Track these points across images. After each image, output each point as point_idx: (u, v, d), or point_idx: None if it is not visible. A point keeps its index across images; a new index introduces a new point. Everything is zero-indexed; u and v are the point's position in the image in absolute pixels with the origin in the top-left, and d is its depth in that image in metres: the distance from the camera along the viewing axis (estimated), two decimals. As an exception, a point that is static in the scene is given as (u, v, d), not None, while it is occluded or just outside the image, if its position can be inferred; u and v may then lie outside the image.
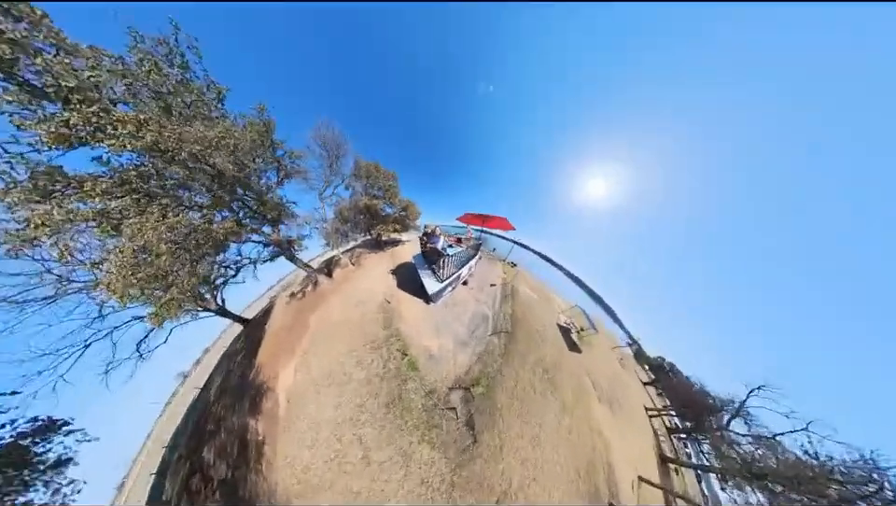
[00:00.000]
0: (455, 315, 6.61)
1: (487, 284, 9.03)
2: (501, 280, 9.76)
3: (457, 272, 5.82)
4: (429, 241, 5.25)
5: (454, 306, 6.91)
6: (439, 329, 5.81)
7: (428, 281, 4.94)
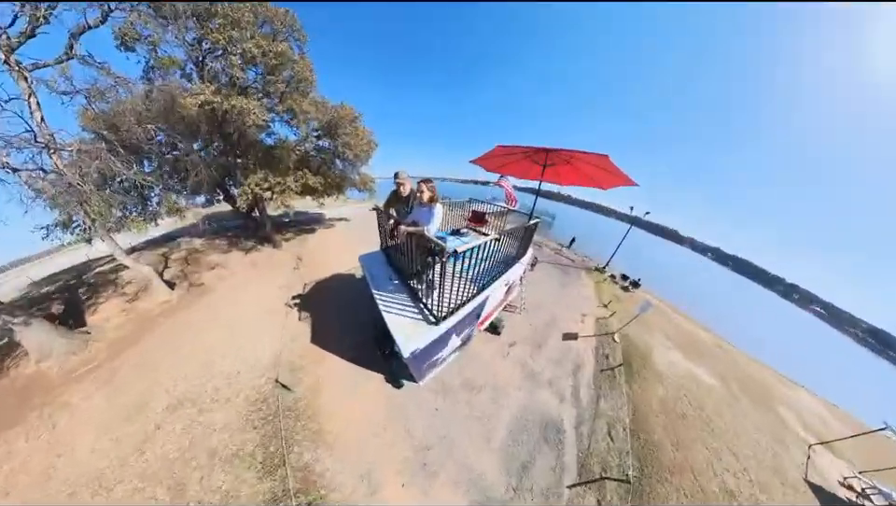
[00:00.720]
0: (473, 420, 3.70)
1: (555, 330, 6.18)
2: (595, 322, 6.86)
3: (477, 299, 2.78)
4: (406, 210, 2.65)
5: (467, 393, 4.05)
6: (426, 465, 3.04)
7: (402, 324, 2.30)
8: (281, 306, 5.82)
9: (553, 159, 3.49)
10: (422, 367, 2.89)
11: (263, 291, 6.44)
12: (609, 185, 3.38)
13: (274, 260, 8.44)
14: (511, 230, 2.97)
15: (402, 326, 2.42)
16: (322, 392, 3.86)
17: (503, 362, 4.80)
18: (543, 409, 3.97)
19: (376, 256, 3.90)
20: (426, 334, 2.38)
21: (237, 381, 3.94)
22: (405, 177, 2.59)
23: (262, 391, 3.80)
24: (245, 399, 3.67)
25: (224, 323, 5.15)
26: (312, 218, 15.84)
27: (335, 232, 12.71)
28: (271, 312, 5.61)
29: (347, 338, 4.95)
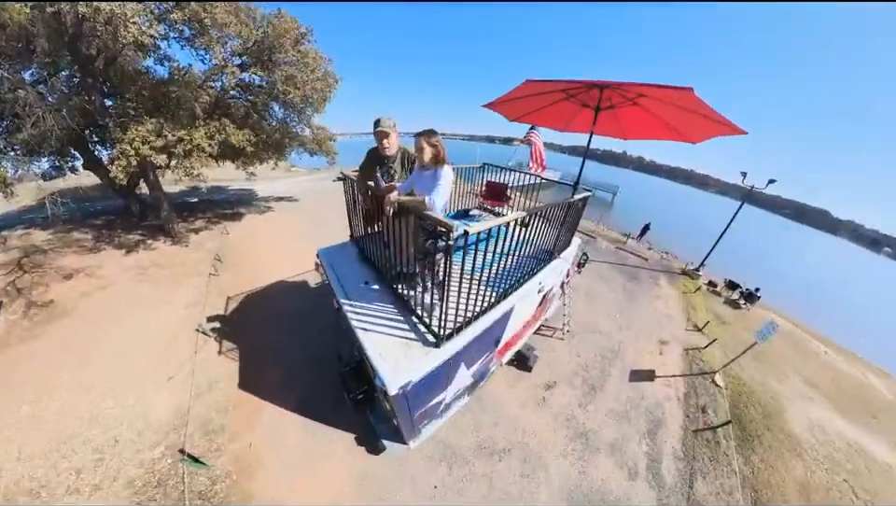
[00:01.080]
0: None
1: (617, 365, 6.35)
2: (682, 355, 6.83)
3: (496, 311, 2.87)
4: (390, 177, 2.69)
5: (483, 462, 4.10)
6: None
7: (386, 347, 2.37)
8: (188, 335, 5.79)
9: (611, 98, 3.35)
10: (414, 417, 2.85)
11: (159, 313, 6.39)
12: (700, 136, 3.19)
13: (176, 262, 8.38)
14: (544, 207, 2.81)
15: (387, 349, 2.35)
16: (256, 467, 3.84)
17: (537, 414, 4.82)
18: (603, 490, 3.92)
19: (343, 249, 3.82)
20: (422, 361, 2.28)
21: (114, 455, 3.80)
22: (390, 126, 2.42)
23: (157, 469, 3.71)
24: (125, 483, 3.53)
25: (90, 365, 5.05)
26: (236, 197, 15.76)
27: (274, 218, 12.63)
28: (171, 345, 5.58)
29: (297, 379, 4.99)
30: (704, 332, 7.61)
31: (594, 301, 8.30)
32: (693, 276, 11.05)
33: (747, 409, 5.56)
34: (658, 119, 3.31)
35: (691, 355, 6.72)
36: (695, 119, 2.90)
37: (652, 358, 6.45)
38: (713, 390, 5.78)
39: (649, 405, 5.22)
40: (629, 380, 5.74)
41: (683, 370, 6.23)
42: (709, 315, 8.52)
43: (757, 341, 5.70)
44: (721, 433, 4.91)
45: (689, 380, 5.96)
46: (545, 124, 5.05)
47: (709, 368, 6.33)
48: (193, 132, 6.74)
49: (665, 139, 3.61)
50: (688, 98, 2.57)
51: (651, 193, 59.05)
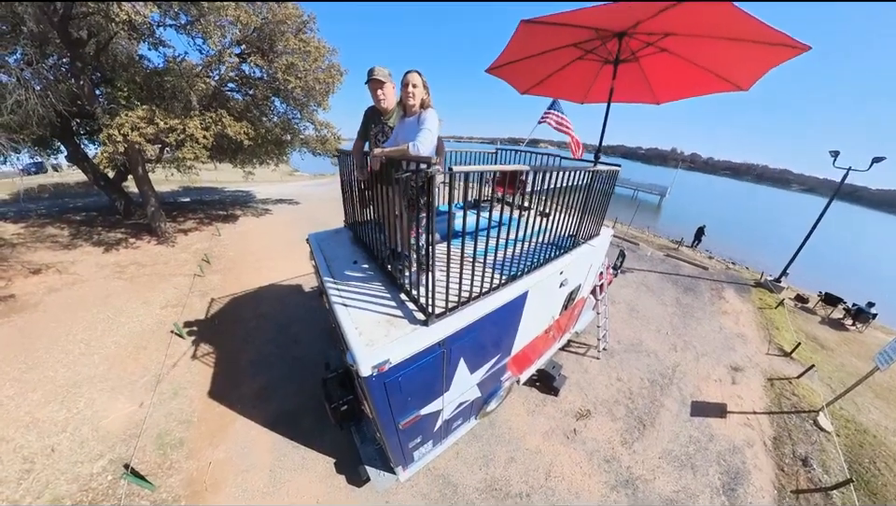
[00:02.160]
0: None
1: (673, 394, 5.79)
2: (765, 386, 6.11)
3: (503, 294, 2.74)
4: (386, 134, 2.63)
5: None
6: None
7: (364, 324, 2.30)
8: (161, 337, 5.90)
9: (631, 46, 3.01)
10: (399, 424, 2.52)
11: (132, 312, 6.59)
12: (750, 75, 2.75)
13: (159, 261, 8.79)
14: (560, 169, 2.59)
15: (366, 326, 2.23)
16: (211, 492, 3.58)
17: (567, 450, 4.26)
18: None
19: (336, 234, 3.98)
20: (406, 340, 2.13)
21: (46, 466, 3.68)
22: (385, 75, 2.34)
23: (93, 486, 3.56)
24: (49, 501, 3.40)
25: (42, 364, 5.17)
26: (232, 199, 16.73)
27: (271, 222, 13.19)
28: (140, 347, 5.68)
29: (276, 392, 4.88)
30: (794, 358, 6.63)
31: (638, 315, 7.62)
32: (771, 289, 9.96)
33: (874, 466, 4.52)
34: (693, 66, 2.96)
35: (778, 387, 5.79)
36: (739, 49, 2.48)
37: (721, 387, 5.63)
38: (817, 436, 4.83)
39: (721, 450, 4.44)
40: (690, 414, 4.99)
41: (769, 405, 5.34)
42: (800, 336, 7.50)
43: (878, 365, 4.75)
44: (837, 499, 3.97)
45: (778, 420, 5.08)
46: (561, 95, 4.84)
47: (808, 405, 5.38)
48: (187, 121, 7.25)
49: (706, 92, 3.27)
50: (724, 17, 2.17)
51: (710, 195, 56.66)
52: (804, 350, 6.84)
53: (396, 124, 2.49)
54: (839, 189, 9.70)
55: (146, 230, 10.22)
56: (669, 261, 11.43)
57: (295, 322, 6.44)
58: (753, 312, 8.52)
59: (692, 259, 11.92)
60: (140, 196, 9.48)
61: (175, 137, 7.19)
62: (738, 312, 8.38)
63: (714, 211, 34.09)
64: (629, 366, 5.87)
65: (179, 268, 8.46)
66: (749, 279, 10.68)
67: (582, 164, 3.15)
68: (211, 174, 21.63)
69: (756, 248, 13.88)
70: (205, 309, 6.84)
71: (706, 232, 13.81)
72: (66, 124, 8.62)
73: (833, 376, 6.25)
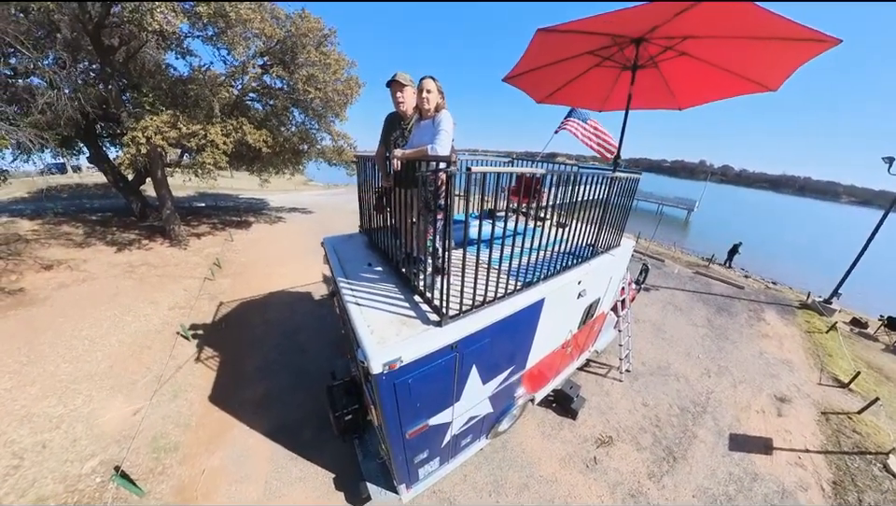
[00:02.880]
0: None
1: (707, 424, 5.44)
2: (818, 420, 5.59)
3: (518, 299, 2.73)
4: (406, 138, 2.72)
5: None
6: None
7: (377, 323, 2.30)
8: (167, 338, 6.03)
9: (650, 51, 3.00)
10: (406, 433, 2.41)
11: (139, 311, 6.79)
12: (778, 74, 2.67)
13: (171, 263, 9.14)
14: (577, 173, 2.64)
15: (379, 324, 2.24)
16: (203, 501, 3.49)
17: (586, 480, 3.96)
18: None
19: (351, 239, 4.08)
20: (418, 339, 2.12)
21: (35, 463, 3.70)
22: (406, 79, 2.46)
23: (80, 488, 3.55)
24: (33, 500, 3.39)
25: (43, 358, 5.32)
26: (246, 206, 17.48)
27: (284, 228, 13.63)
28: (145, 346, 5.80)
29: (279, 400, 4.86)
30: (853, 389, 6.06)
31: (665, 335, 7.24)
32: (821, 311, 9.23)
33: None
34: (715, 68, 2.91)
35: (834, 422, 5.26)
36: (764, 47, 2.43)
37: (765, 419, 5.17)
38: (889, 484, 4.29)
39: (769, 493, 4.00)
40: (729, 449, 4.57)
41: (824, 443, 4.84)
42: (859, 364, 6.88)
43: None
44: None
45: (837, 461, 4.57)
46: (579, 103, 4.87)
47: (875, 446, 4.82)
48: (209, 127, 7.75)
49: (731, 95, 3.22)
50: (747, 14, 2.10)
51: (745, 209, 54.90)
52: (864, 381, 6.26)
53: (414, 128, 2.60)
54: (889, 210, 8.91)
55: (159, 232, 10.72)
56: (699, 279, 10.94)
57: (302, 330, 6.47)
58: (800, 336, 7.94)
59: (725, 277, 11.37)
60: (157, 199, 10.03)
61: (196, 142, 7.66)
62: (782, 336, 7.82)
63: (750, 226, 33.06)
64: (655, 390, 5.51)
65: (190, 271, 8.75)
66: (794, 300, 10.04)
67: (601, 170, 3.13)
68: (227, 181, 22.78)
69: (800, 267, 13.10)
70: (213, 312, 6.98)
71: (740, 251, 13.25)
72: (91, 126, 9.30)
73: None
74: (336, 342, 5.99)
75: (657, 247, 14.52)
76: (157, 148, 7.40)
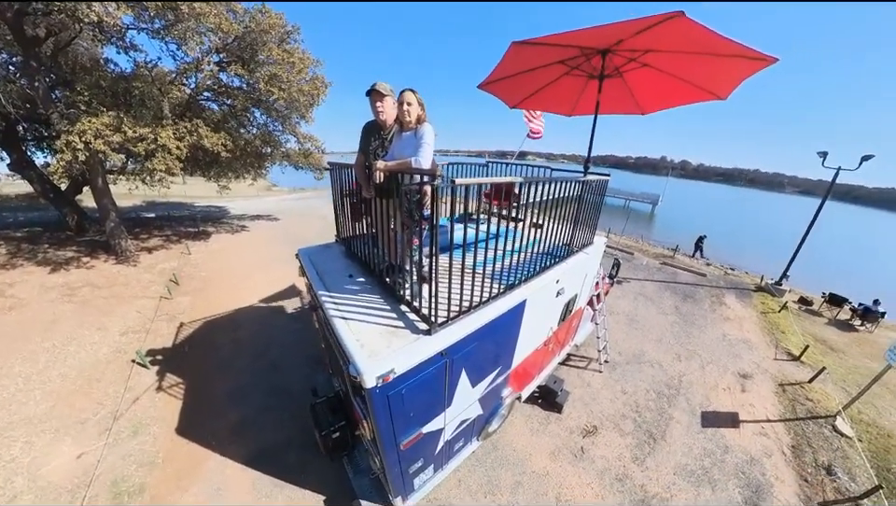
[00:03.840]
0: None
1: (681, 405, 5.94)
2: (776, 391, 6.33)
3: (503, 302, 2.91)
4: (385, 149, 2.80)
5: None
6: None
7: (365, 335, 2.32)
8: (121, 368, 5.55)
9: (615, 63, 3.36)
10: (401, 445, 2.44)
11: (84, 340, 6.20)
12: (726, 85, 3.10)
13: (118, 282, 8.39)
14: (551, 179, 2.81)
15: (367, 337, 2.26)
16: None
17: (575, 470, 4.19)
18: None
19: (327, 249, 4.03)
20: (410, 349, 2.17)
21: None
22: (386, 89, 2.48)
23: None
24: None
25: None
26: (203, 215, 16.26)
27: (249, 239, 12.97)
28: (94, 379, 5.31)
29: (256, 425, 4.64)
30: (804, 362, 6.87)
31: (638, 325, 7.78)
32: (773, 293, 10.37)
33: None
34: (674, 78, 3.32)
35: (790, 392, 5.95)
36: (713, 63, 2.87)
37: (731, 395, 5.74)
38: (838, 442, 4.94)
39: (739, 462, 4.47)
40: (702, 425, 5.04)
41: (783, 412, 5.47)
42: (808, 339, 7.81)
43: (890, 363, 5.02)
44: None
45: (794, 427, 5.19)
46: (549, 109, 5.26)
47: (824, 410, 5.52)
48: (159, 130, 7.18)
49: (688, 102, 3.64)
50: (689, 32, 2.50)
51: (703, 201, 60.23)
52: (813, 353, 7.10)
53: (394, 138, 2.64)
54: (831, 188, 10.34)
55: (102, 247, 9.76)
56: (666, 270, 11.84)
57: (276, 347, 6.21)
58: (756, 317, 8.84)
59: (688, 266, 12.40)
60: (98, 210, 9.13)
61: (144, 147, 7.07)
62: (741, 317, 8.68)
63: (708, 217, 36.36)
64: (633, 378, 5.92)
65: (143, 290, 8.07)
66: (750, 284, 11.14)
67: (574, 175, 3.37)
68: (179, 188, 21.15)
69: (753, 253, 14.62)
70: (173, 335, 6.51)
71: (704, 244, 14.44)
72: (11, 128, 8.33)
73: (846, 379, 6.49)
74: (314, 357, 5.82)
75: (626, 241, 15.50)
76: (98, 154, 6.74)
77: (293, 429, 4.48)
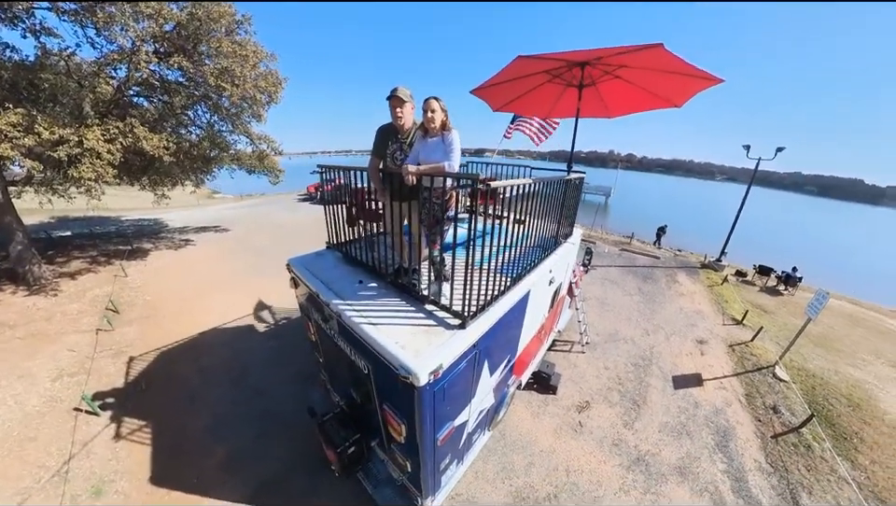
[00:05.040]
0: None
1: (655, 373, 6.68)
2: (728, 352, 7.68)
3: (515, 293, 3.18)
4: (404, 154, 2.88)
5: None
6: None
7: (402, 337, 2.39)
8: (59, 419, 4.79)
9: (592, 74, 3.93)
10: (439, 439, 2.55)
11: (4, 392, 5.20)
12: (682, 96, 3.82)
13: (37, 318, 7.10)
14: (541, 181, 3.08)
15: (405, 339, 2.31)
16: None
17: (577, 443, 4.62)
18: None
19: (320, 258, 3.86)
20: (450, 344, 2.29)
21: None
22: (406, 95, 2.58)
23: None
24: None
25: None
26: (135, 230, 14.48)
27: (197, 254, 11.78)
28: (27, 438, 4.52)
29: (246, 456, 4.34)
30: (745, 324, 8.19)
31: (608, 307, 8.64)
32: (715, 268, 12.17)
33: (828, 403, 5.82)
34: (640, 89, 3.99)
35: (738, 351, 7.11)
36: (674, 79, 3.54)
37: (693, 360, 6.69)
38: (778, 386, 6.05)
39: (707, 414, 5.28)
40: (674, 388, 5.83)
41: (735, 368, 6.53)
42: (746, 305, 9.25)
43: (810, 316, 6.21)
44: (807, 435, 5.01)
45: (745, 379, 6.23)
46: (529, 112, 5.81)
47: (765, 362, 6.70)
48: (85, 131, 6.18)
49: (650, 108, 4.38)
50: (661, 57, 3.10)
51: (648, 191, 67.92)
52: (751, 317, 8.50)
53: (416, 143, 2.71)
54: (754, 176, 12.42)
55: (8, 277, 8.17)
56: (625, 255, 13.21)
57: (254, 370, 5.81)
58: (705, 290, 10.31)
59: (644, 250, 13.96)
60: (2, 231, 7.64)
61: (67, 151, 6.06)
62: (692, 292, 10.07)
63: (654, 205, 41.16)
64: (612, 355, 6.62)
65: (72, 323, 6.94)
66: (696, 262, 12.93)
67: (559, 174, 3.79)
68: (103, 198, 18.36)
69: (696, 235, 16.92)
70: (123, 372, 5.72)
71: (665, 232, 15.79)
72: None
73: (779, 335, 7.89)
74: (303, 374, 5.58)
75: (588, 231, 16.94)
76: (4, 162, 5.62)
77: (293, 454, 4.28)
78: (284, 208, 19.56)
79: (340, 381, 4.08)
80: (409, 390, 2.06)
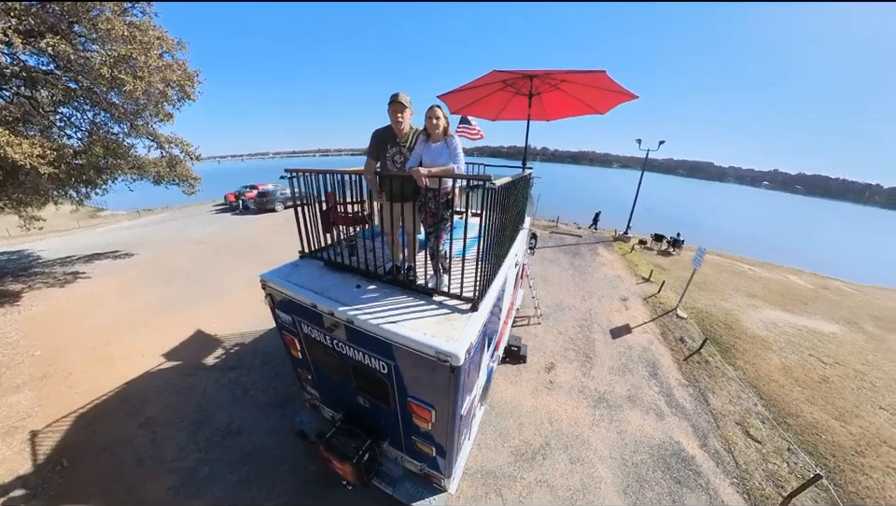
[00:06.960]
0: None
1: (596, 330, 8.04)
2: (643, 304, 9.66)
3: (500, 274, 3.64)
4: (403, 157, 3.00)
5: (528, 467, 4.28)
6: None
7: (426, 327, 2.55)
8: None
9: (540, 86, 4.67)
10: (464, 412, 2.81)
11: None
12: (606, 106, 4.86)
13: None
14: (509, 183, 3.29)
15: (429, 328, 2.46)
16: None
17: (553, 397, 5.34)
18: (645, 439, 4.68)
19: (296, 267, 3.63)
20: (470, 326, 2.51)
21: None
22: (407, 101, 2.70)
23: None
24: None
25: None
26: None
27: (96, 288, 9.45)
28: None
29: (239, 499, 3.86)
30: (652, 281, 10.28)
31: (550, 282, 9.88)
32: (624, 240, 14.96)
33: (713, 329, 7.86)
34: (575, 99, 4.92)
35: (651, 302, 8.94)
36: (603, 93, 4.48)
37: (621, 314, 8.17)
38: (681, 323, 7.88)
39: (639, 353, 6.62)
40: (612, 338, 7.10)
41: (651, 315, 8.24)
42: (650, 266, 11.50)
43: (695, 267, 8.20)
44: (705, 353, 6.71)
45: (659, 322, 7.92)
46: (480, 115, 6.38)
47: (669, 307, 8.60)
48: None
49: (580, 114, 5.36)
50: (599, 78, 3.94)
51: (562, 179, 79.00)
52: (655, 274, 10.65)
53: (416, 147, 2.82)
54: (645, 164, 15.88)
55: None
56: (554, 237, 15.04)
57: (216, 408, 5.06)
58: (619, 258, 12.49)
59: (568, 231, 16.09)
60: None
61: None
62: (611, 261, 12.13)
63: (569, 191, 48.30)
64: (562, 321, 7.65)
65: None
66: (609, 237, 15.48)
67: (517, 172, 4.30)
68: None
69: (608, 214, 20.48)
70: (26, 452, 4.42)
71: (600, 218, 17.82)
72: None
73: (675, 285, 10.02)
74: (282, 396, 5.16)
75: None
76: None
77: (293, 485, 3.95)
78: (200, 222, 16.77)
79: (337, 393, 3.93)
80: (444, 373, 2.25)
